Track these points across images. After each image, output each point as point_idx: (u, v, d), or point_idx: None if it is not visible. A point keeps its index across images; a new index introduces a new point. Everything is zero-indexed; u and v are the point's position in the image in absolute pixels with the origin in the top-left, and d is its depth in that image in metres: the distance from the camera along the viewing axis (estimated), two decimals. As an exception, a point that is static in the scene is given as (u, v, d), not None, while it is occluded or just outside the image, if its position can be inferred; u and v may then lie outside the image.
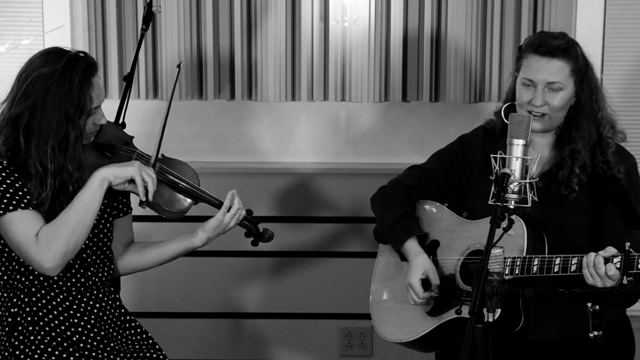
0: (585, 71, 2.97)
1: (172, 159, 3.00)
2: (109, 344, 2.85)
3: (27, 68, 2.75)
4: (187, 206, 2.94)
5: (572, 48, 2.95)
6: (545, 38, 2.97)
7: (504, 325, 2.81)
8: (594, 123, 2.98)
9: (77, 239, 2.72)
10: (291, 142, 4.24)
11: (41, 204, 2.71)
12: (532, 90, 2.94)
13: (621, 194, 2.90)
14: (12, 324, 2.78)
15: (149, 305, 4.22)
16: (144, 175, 2.77)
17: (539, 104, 2.92)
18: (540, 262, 2.82)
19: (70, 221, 2.70)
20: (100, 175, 2.74)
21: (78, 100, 2.71)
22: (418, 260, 3.06)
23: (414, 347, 3.15)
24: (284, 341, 4.29)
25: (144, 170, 2.77)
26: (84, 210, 2.71)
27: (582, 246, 2.89)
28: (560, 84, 2.92)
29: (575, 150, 2.96)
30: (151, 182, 2.78)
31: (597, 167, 2.97)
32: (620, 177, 2.94)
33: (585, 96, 2.97)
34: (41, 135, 2.69)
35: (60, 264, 2.70)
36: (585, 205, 2.98)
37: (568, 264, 2.79)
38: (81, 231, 2.72)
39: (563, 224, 2.97)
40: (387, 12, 4.03)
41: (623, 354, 3.09)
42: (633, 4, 4.08)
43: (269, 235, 3.06)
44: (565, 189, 2.96)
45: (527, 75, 2.94)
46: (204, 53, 4.06)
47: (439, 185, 3.18)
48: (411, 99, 4.10)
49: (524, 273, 2.83)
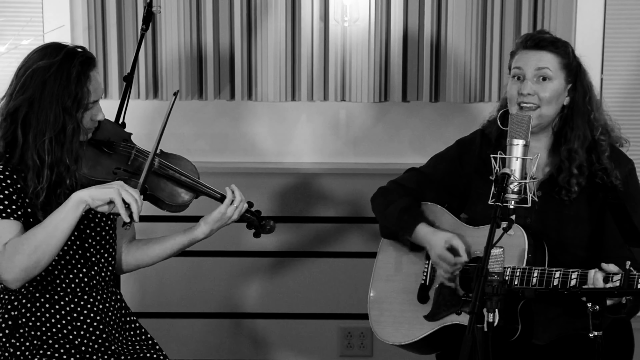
0: (577, 71, 2.99)
1: (170, 154, 3.00)
2: (110, 347, 2.85)
3: (25, 62, 2.75)
4: (188, 200, 2.95)
5: (560, 43, 2.98)
6: (534, 34, 3.02)
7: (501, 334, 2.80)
8: (588, 124, 2.98)
9: (40, 257, 2.63)
10: (291, 142, 4.24)
11: (36, 195, 2.70)
12: (521, 81, 2.95)
13: (620, 206, 2.89)
14: (13, 326, 2.77)
15: (149, 305, 4.22)
16: (124, 196, 2.64)
17: (527, 92, 2.92)
18: (540, 275, 2.81)
19: (35, 237, 2.63)
20: (77, 197, 2.64)
21: (75, 93, 2.70)
22: (438, 235, 3.02)
23: (411, 349, 3.14)
24: (284, 341, 4.29)
25: (125, 191, 2.64)
26: (51, 229, 2.63)
27: (582, 255, 2.89)
28: (548, 71, 2.93)
29: (572, 150, 2.96)
30: (134, 202, 2.64)
31: (596, 176, 2.96)
32: (617, 184, 2.94)
33: (579, 96, 2.98)
34: (39, 128, 2.68)
35: (20, 278, 2.64)
36: (584, 216, 2.97)
37: (568, 278, 2.78)
38: (45, 249, 2.63)
39: (563, 234, 2.96)
40: (387, 12, 4.03)
41: (623, 354, 3.09)
42: (633, 4, 4.09)
43: (270, 226, 3.05)
44: (566, 194, 2.95)
45: (516, 64, 2.96)
46: (204, 53, 4.06)
47: (437, 189, 3.17)
48: (411, 99, 4.10)
49: (523, 284, 2.82)
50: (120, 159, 2.88)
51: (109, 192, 2.64)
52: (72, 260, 2.80)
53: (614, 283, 2.69)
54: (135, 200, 2.65)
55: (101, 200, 2.64)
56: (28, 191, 2.69)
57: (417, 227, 3.06)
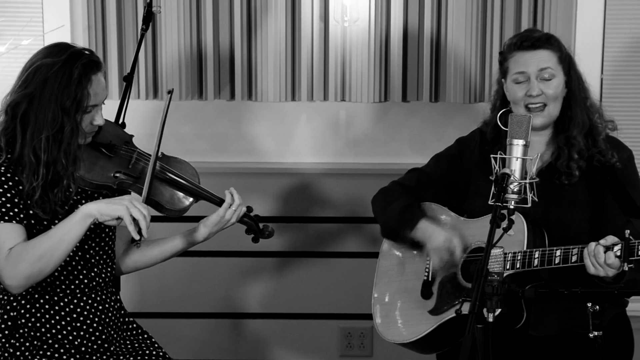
0: (569, 60, 3.03)
1: (171, 157, 3.00)
2: (109, 348, 2.85)
3: (32, 58, 2.75)
4: (188, 204, 2.95)
5: (552, 38, 3.03)
6: (525, 34, 3.06)
7: (506, 322, 2.81)
8: (585, 111, 3.03)
9: (43, 266, 2.64)
10: (291, 142, 4.24)
11: (32, 193, 2.70)
12: (525, 84, 2.97)
13: (618, 185, 2.92)
14: (13, 326, 2.77)
15: (149, 306, 4.22)
16: (133, 212, 2.63)
17: (536, 93, 2.95)
18: (541, 255, 2.83)
19: (41, 246, 2.64)
20: (85, 210, 2.65)
21: (75, 94, 2.69)
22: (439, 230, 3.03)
23: (416, 348, 3.14)
24: (284, 341, 4.29)
25: (134, 207, 2.64)
26: (57, 240, 2.64)
27: (583, 240, 2.89)
28: (551, 70, 2.97)
29: (570, 137, 3.00)
30: (143, 218, 2.63)
31: (593, 159, 2.99)
32: (614, 162, 2.97)
33: (575, 84, 3.02)
34: (36, 125, 2.68)
35: (22, 284, 2.66)
36: (584, 200, 2.99)
37: (569, 255, 2.79)
38: (50, 259, 2.64)
39: (563, 218, 2.98)
40: (387, 12, 4.03)
41: (623, 353, 3.09)
42: (633, 4, 4.09)
43: (269, 231, 3.05)
44: (567, 178, 2.97)
45: (517, 69, 2.98)
46: (204, 53, 4.06)
47: (437, 188, 3.18)
48: (411, 99, 4.10)
49: (526, 267, 2.83)
50: (121, 162, 2.88)
51: (118, 208, 2.64)
52: (72, 261, 2.80)
53: (615, 252, 2.71)
54: (144, 216, 2.64)
55: (109, 216, 2.65)
56: (24, 189, 2.69)
57: (419, 222, 3.07)
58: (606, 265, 2.73)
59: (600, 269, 2.74)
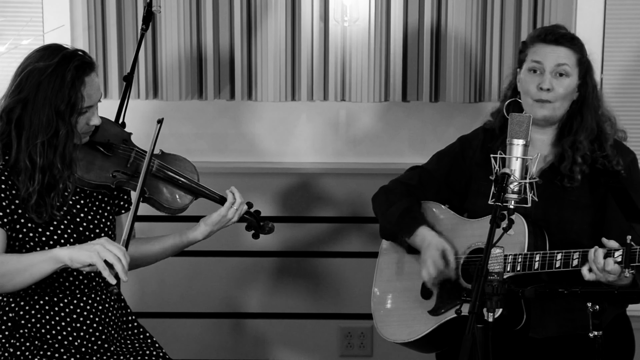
0: (588, 66, 3.04)
1: (170, 155, 3.00)
2: (109, 348, 2.85)
3: (24, 62, 2.74)
4: (187, 202, 2.95)
5: (577, 40, 3.03)
6: (551, 28, 3.06)
7: (506, 323, 2.81)
8: (595, 118, 3.02)
9: (4, 283, 2.61)
10: (291, 142, 4.24)
11: (28, 198, 2.70)
12: (539, 76, 2.98)
13: (621, 189, 2.92)
14: (13, 326, 2.77)
15: (149, 305, 4.22)
16: (106, 256, 2.54)
17: (547, 87, 2.95)
18: (541, 258, 2.82)
19: (6, 265, 2.62)
20: (56, 255, 2.59)
21: (69, 97, 2.68)
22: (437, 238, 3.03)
23: (416, 347, 3.14)
24: (284, 341, 4.29)
25: (106, 251, 2.55)
26: (22, 267, 2.60)
27: (584, 243, 2.89)
28: (567, 67, 2.97)
29: (576, 141, 3.00)
30: (117, 261, 2.54)
31: (597, 162, 2.99)
32: (619, 169, 2.97)
33: (589, 92, 3.02)
34: (31, 130, 2.67)
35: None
36: (586, 202, 2.99)
37: (570, 259, 2.79)
38: (10, 280, 2.61)
39: (564, 220, 2.98)
40: (387, 12, 4.03)
41: (623, 353, 3.09)
42: (633, 4, 4.09)
43: (269, 227, 3.05)
44: (569, 181, 2.97)
45: (535, 58, 2.98)
46: (204, 53, 4.06)
47: (439, 186, 3.19)
48: (411, 99, 4.10)
49: (526, 270, 2.83)
50: (119, 161, 2.88)
51: (90, 255, 2.56)
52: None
53: (615, 259, 2.71)
54: (119, 259, 2.56)
55: (80, 263, 2.58)
56: (20, 194, 2.69)
57: (418, 229, 3.07)
58: (605, 272, 2.73)
59: (601, 276, 2.74)
